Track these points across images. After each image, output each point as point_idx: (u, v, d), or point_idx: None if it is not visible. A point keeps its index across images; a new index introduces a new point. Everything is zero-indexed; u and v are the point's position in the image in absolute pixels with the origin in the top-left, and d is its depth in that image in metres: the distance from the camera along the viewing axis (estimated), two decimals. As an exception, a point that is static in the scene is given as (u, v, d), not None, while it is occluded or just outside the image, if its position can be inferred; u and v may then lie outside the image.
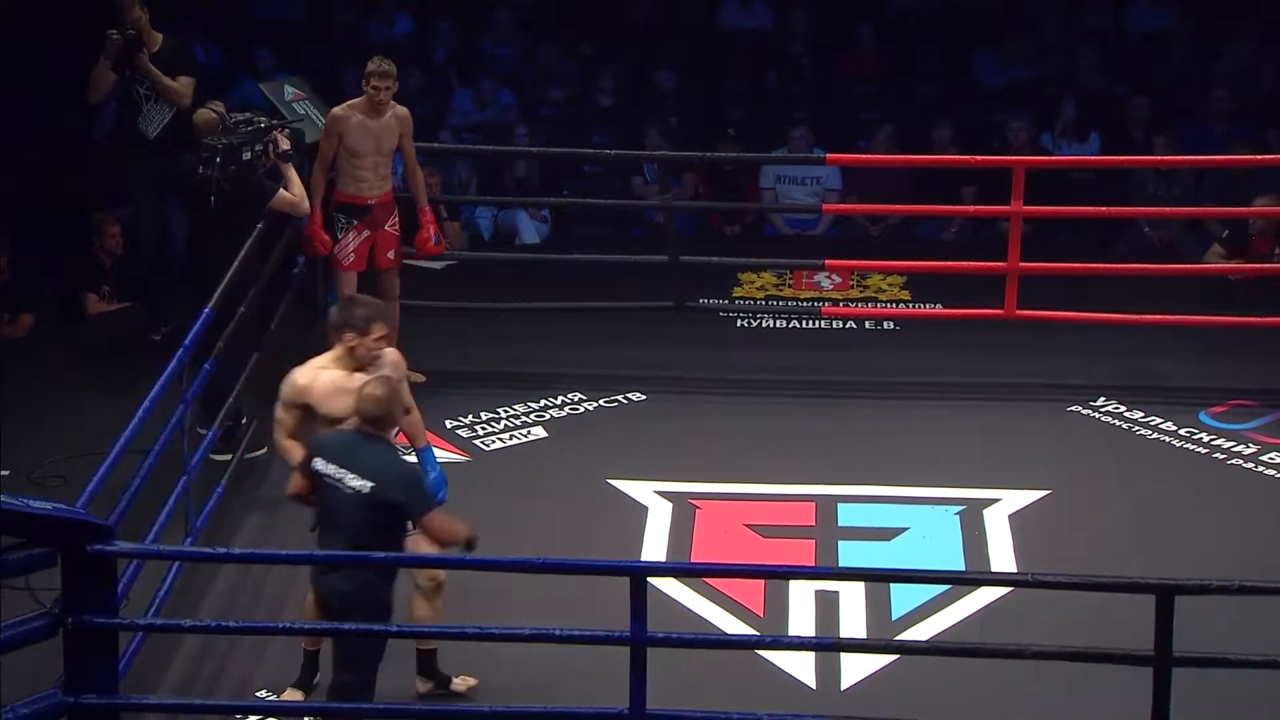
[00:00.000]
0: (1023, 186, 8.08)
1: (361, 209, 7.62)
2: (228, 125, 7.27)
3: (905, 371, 8.24)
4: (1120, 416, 7.75)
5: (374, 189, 7.62)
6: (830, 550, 6.69)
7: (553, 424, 7.77)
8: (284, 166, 7.39)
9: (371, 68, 7.49)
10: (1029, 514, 6.93)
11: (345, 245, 7.63)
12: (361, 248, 7.66)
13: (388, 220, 7.70)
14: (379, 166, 7.62)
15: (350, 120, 7.53)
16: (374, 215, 7.65)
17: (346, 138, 7.52)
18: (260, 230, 7.36)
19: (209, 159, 7.15)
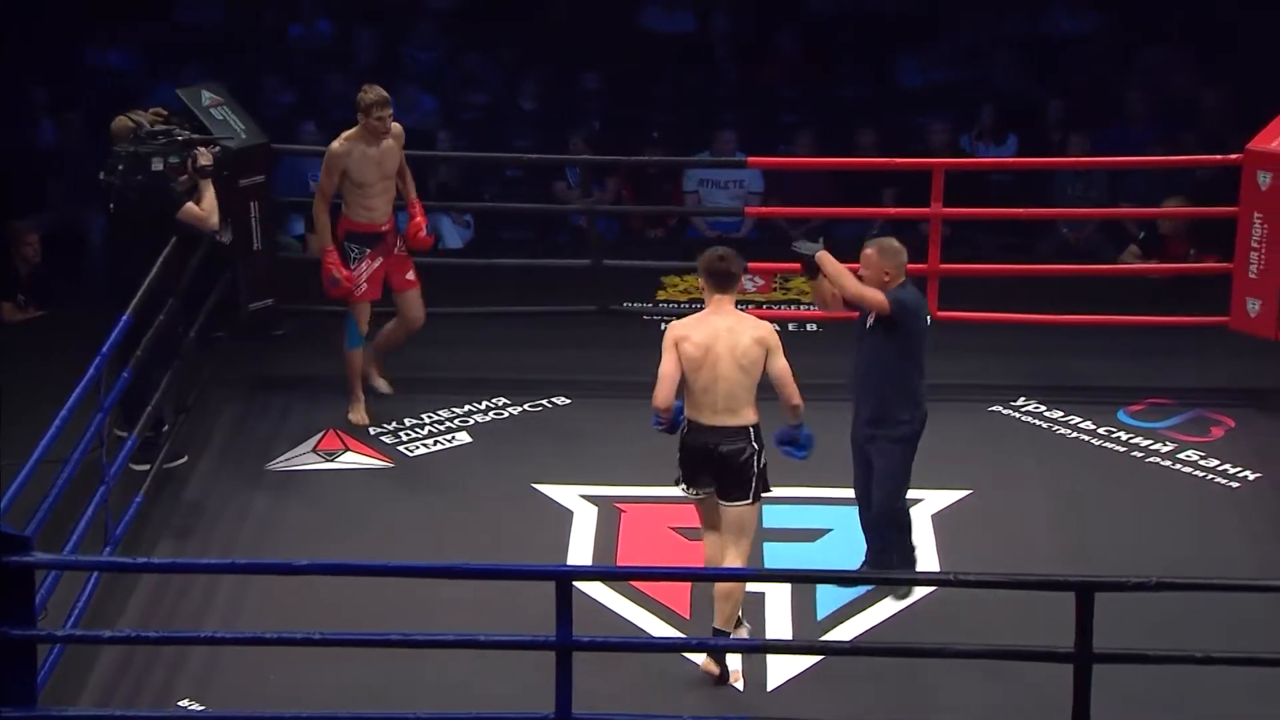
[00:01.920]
0: (942, 188, 8.13)
1: (375, 236, 7.51)
2: (140, 135, 7.22)
3: (829, 373, 8.21)
4: (1040, 416, 7.82)
5: (384, 215, 7.53)
6: (755, 552, 6.68)
7: (477, 429, 7.74)
8: (201, 181, 7.32)
9: (371, 98, 7.36)
10: (951, 514, 6.98)
11: (359, 276, 7.48)
12: (375, 275, 7.52)
13: (398, 242, 7.61)
14: (386, 191, 7.49)
15: (351, 154, 7.39)
16: (386, 241, 7.54)
17: (351, 172, 7.39)
18: (178, 238, 7.29)
19: (112, 165, 7.15)
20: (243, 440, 7.64)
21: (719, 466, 6.04)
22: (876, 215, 9.60)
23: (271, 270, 8.20)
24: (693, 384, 6.06)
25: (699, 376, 6.05)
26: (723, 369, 6.02)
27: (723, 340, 6.04)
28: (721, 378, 6.02)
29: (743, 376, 6.03)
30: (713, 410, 6.04)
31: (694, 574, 6.47)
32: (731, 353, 6.03)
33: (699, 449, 6.06)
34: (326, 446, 7.56)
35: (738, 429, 6.03)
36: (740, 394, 6.02)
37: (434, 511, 7.02)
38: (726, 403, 6.02)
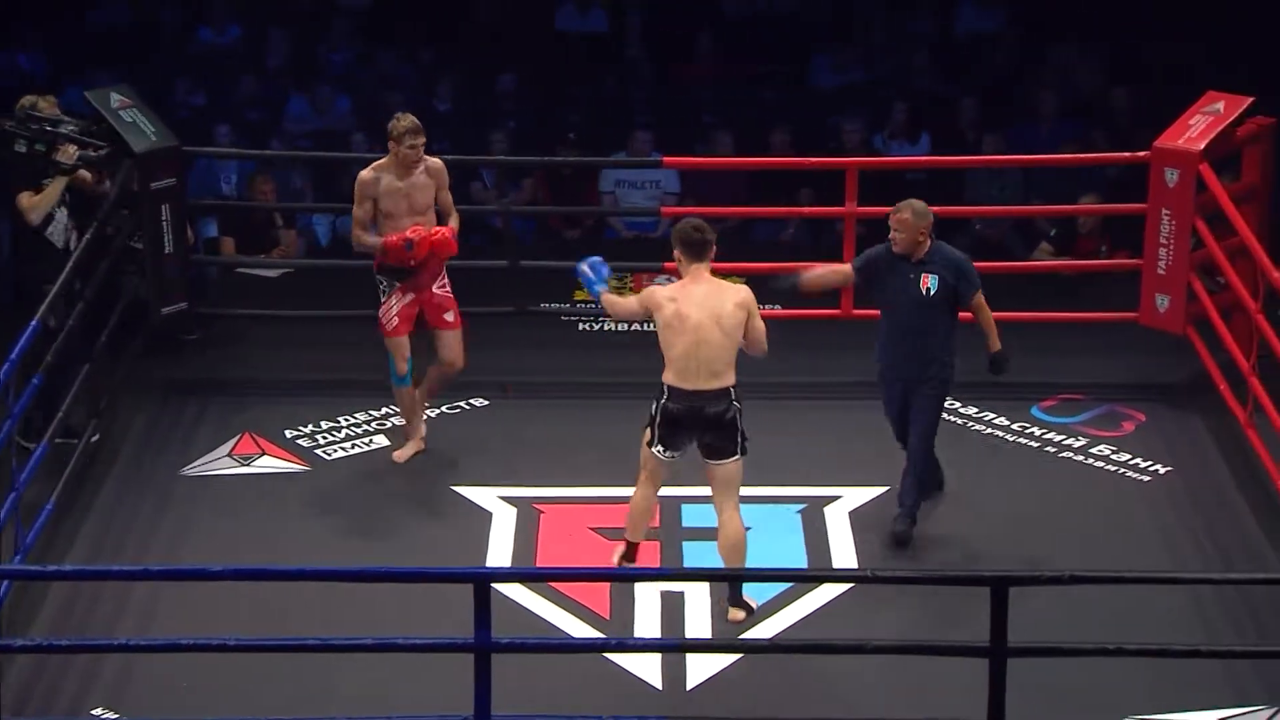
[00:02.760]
0: (856, 187, 8.18)
1: (404, 272, 7.15)
2: (20, 115, 7.17)
3: (745, 372, 8.24)
4: (955, 412, 7.87)
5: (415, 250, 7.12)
6: (675, 551, 6.71)
7: (395, 431, 7.70)
8: (54, 177, 7.24)
9: (403, 126, 7.01)
10: (869, 511, 7.01)
11: (389, 309, 7.17)
12: (406, 311, 7.19)
13: (435, 282, 7.23)
14: (420, 226, 7.11)
15: (379, 183, 7.06)
16: (418, 278, 7.17)
17: (380, 202, 7.05)
18: (89, 239, 7.21)
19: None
20: (156, 446, 7.56)
21: (705, 428, 6.20)
22: (792, 214, 9.66)
23: (184, 273, 8.12)
24: (672, 350, 6.19)
25: (679, 343, 6.18)
26: (705, 335, 6.16)
27: (705, 308, 6.18)
28: (704, 343, 6.16)
29: (726, 341, 6.19)
30: (695, 375, 6.18)
31: (613, 574, 6.47)
32: (716, 320, 6.18)
33: (684, 414, 6.20)
34: (242, 451, 7.49)
35: (720, 391, 6.19)
36: (723, 359, 6.19)
37: (351, 515, 6.97)
38: (710, 367, 6.17)
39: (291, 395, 7.94)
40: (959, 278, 6.80)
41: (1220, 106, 7.96)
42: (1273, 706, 5.82)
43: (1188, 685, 5.85)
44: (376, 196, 7.10)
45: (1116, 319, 8.16)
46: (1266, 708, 5.82)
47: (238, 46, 10.77)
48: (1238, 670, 5.92)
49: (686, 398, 6.19)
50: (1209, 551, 6.76)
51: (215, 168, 9.87)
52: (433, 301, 7.26)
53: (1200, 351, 7.86)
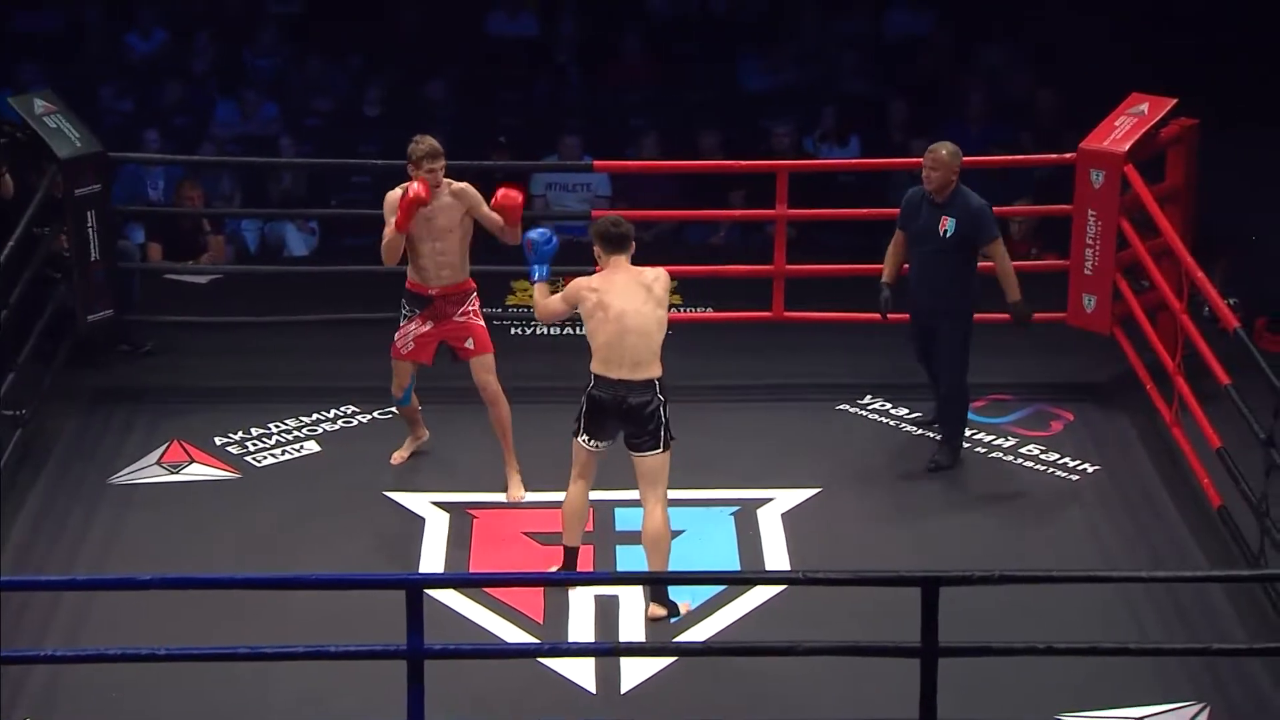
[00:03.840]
0: (786, 190, 8.21)
1: (423, 299, 6.99)
2: None
3: (677, 374, 8.20)
4: (886, 414, 7.92)
5: (435, 279, 6.96)
6: (608, 555, 6.71)
7: (326, 437, 7.66)
8: None
9: (422, 150, 6.84)
10: (801, 513, 7.04)
11: (405, 333, 7.03)
12: (424, 339, 7.01)
13: (458, 310, 7.03)
14: (439, 254, 6.91)
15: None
16: (437, 307, 6.98)
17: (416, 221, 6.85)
18: (12, 245, 7.13)
19: None
20: (83, 454, 7.49)
21: (627, 419, 6.25)
22: (724, 217, 9.68)
23: (110, 280, 8.05)
24: (596, 339, 6.25)
25: (602, 332, 6.23)
26: (629, 323, 6.22)
27: (627, 296, 6.25)
28: (629, 331, 6.22)
29: (651, 329, 6.25)
30: (619, 365, 6.24)
31: (547, 579, 6.46)
32: (638, 310, 6.24)
33: (608, 403, 6.24)
34: (171, 459, 7.43)
35: (644, 383, 6.24)
36: (646, 349, 6.25)
37: (283, 522, 6.93)
38: (633, 357, 6.23)
39: (221, 402, 7.89)
40: (975, 225, 7.15)
41: (1145, 108, 8.04)
42: (1200, 703, 5.88)
43: (1117, 683, 5.91)
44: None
45: (1045, 319, 8.23)
46: (1193, 704, 5.88)
47: (163, 50, 10.68)
48: (1166, 668, 5.98)
49: (610, 386, 6.24)
50: (1137, 549, 6.82)
51: (142, 174, 9.78)
52: (452, 330, 7.07)
53: (1127, 351, 7.95)
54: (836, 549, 6.75)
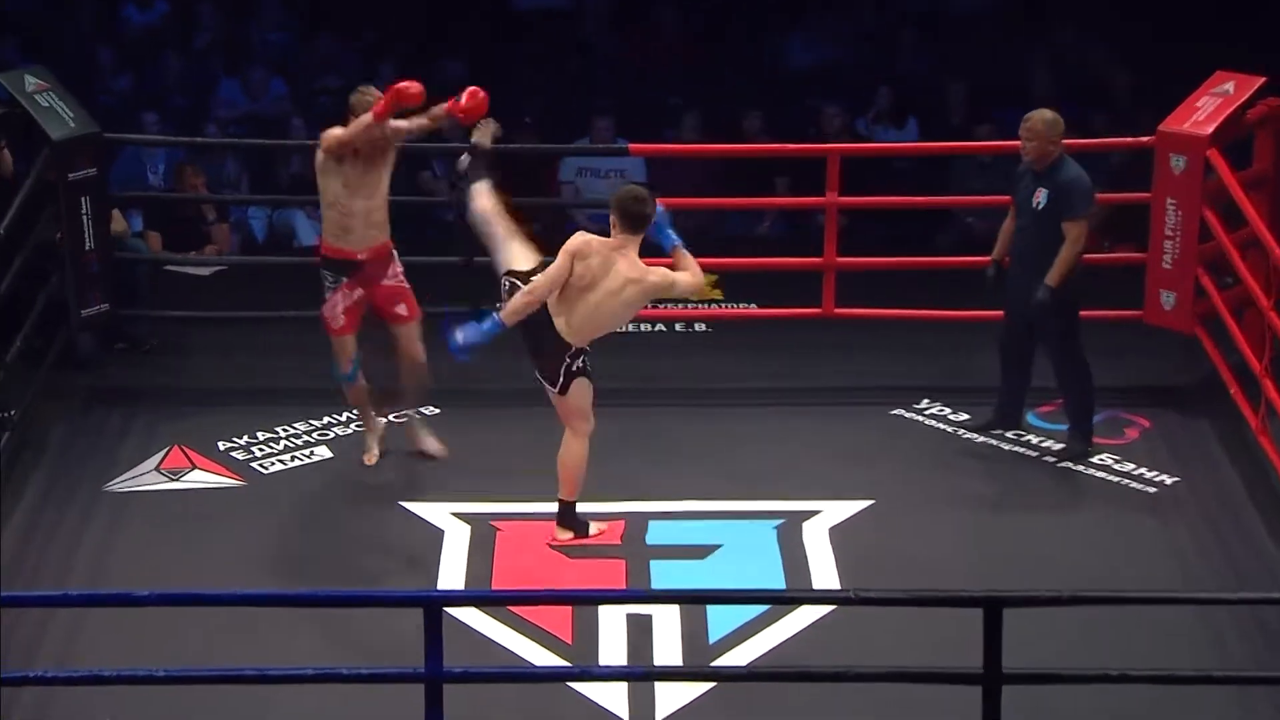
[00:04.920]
0: (838, 176, 8.20)
1: (350, 264, 7.06)
2: None
3: (718, 376, 8.30)
4: (944, 419, 7.90)
5: (363, 241, 7.08)
6: (641, 571, 6.71)
7: (338, 442, 7.69)
8: None
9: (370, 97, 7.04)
10: (851, 526, 7.03)
11: (334, 305, 7.09)
12: (354, 308, 7.11)
13: (387, 272, 7.15)
14: (370, 212, 7.02)
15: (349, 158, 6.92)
16: (366, 271, 7.08)
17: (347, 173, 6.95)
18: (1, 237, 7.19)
19: None
20: (77, 459, 7.53)
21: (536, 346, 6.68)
22: (769, 205, 9.68)
23: (106, 272, 8.10)
24: (568, 293, 6.57)
25: (578, 298, 6.57)
26: (602, 316, 6.58)
27: (611, 289, 6.52)
28: (594, 306, 6.55)
29: (619, 314, 6.61)
30: (566, 322, 6.59)
31: (577, 597, 6.47)
32: (616, 295, 6.53)
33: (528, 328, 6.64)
34: (171, 465, 7.47)
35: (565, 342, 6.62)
36: (599, 329, 6.61)
37: (291, 534, 6.95)
38: (580, 325, 6.59)
39: (225, 404, 7.92)
40: (1062, 200, 7.27)
41: (1230, 87, 8.00)
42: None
43: (1198, 713, 5.88)
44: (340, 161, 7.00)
45: (1119, 317, 8.20)
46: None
47: (164, 23, 10.73)
48: (1249, 697, 5.95)
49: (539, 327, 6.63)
50: (1220, 568, 6.79)
51: (141, 157, 9.83)
52: (384, 294, 7.19)
53: (1209, 352, 7.91)
54: (889, 566, 6.74)
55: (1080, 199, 7.29)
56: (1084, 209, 7.30)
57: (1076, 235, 7.28)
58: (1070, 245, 7.27)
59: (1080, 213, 7.29)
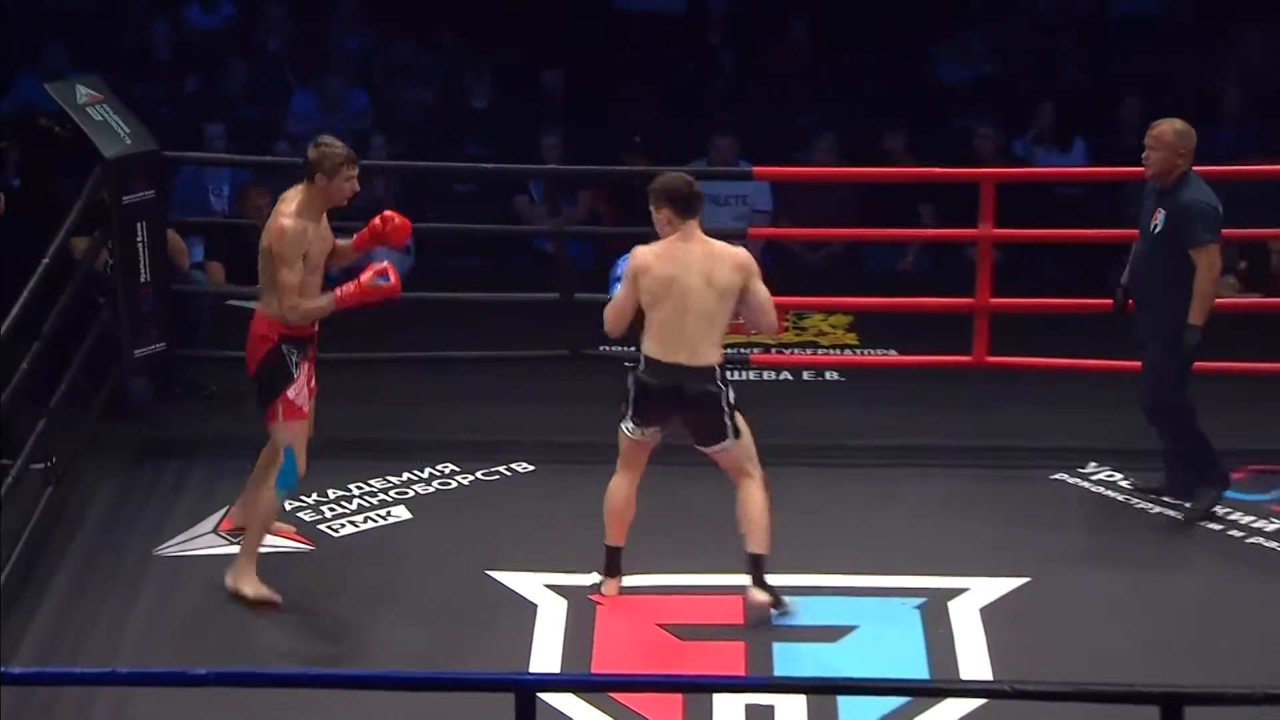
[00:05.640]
0: (993, 204, 8.16)
1: (306, 341, 6.87)
2: None
3: (852, 432, 8.27)
4: (1115, 486, 7.82)
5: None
6: (763, 654, 6.68)
7: (418, 502, 7.72)
8: None
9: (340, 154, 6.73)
10: (1004, 607, 6.97)
11: (299, 387, 6.81)
12: (310, 388, 6.93)
13: (314, 347, 6.99)
14: (318, 285, 6.85)
15: (309, 232, 6.70)
16: (313, 347, 6.96)
17: (311, 257, 6.74)
18: (48, 266, 7.28)
19: None
20: (126, 519, 7.61)
21: (683, 408, 6.65)
22: (912, 237, 9.65)
23: (163, 307, 8.19)
24: (652, 316, 6.60)
25: (660, 309, 6.56)
26: (692, 303, 6.57)
27: (695, 270, 6.57)
28: (689, 311, 6.58)
29: (718, 308, 6.59)
30: (676, 347, 6.60)
31: (689, 683, 6.43)
32: (710, 283, 6.57)
33: (661, 393, 6.64)
34: (230, 526, 7.52)
35: (701, 369, 6.60)
36: (709, 330, 6.60)
37: (364, 605, 6.98)
38: (693, 339, 6.59)
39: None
40: (1182, 223, 7.21)
41: None
42: None
43: None
44: (308, 253, 6.75)
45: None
46: None
47: (228, 27, 10.88)
48: None
49: (664, 373, 6.62)
50: None
51: (203, 177, 9.97)
52: (312, 370, 6.98)
53: None
54: (1048, 654, 6.67)
55: (1205, 221, 7.23)
56: (1208, 235, 7.23)
57: (1208, 263, 7.23)
58: (1205, 273, 7.23)
59: (1206, 238, 7.23)
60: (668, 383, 6.63)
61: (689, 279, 6.59)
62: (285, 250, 6.70)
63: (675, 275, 6.58)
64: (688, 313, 6.59)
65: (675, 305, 6.59)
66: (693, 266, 6.60)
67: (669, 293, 6.59)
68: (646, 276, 6.62)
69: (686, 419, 6.71)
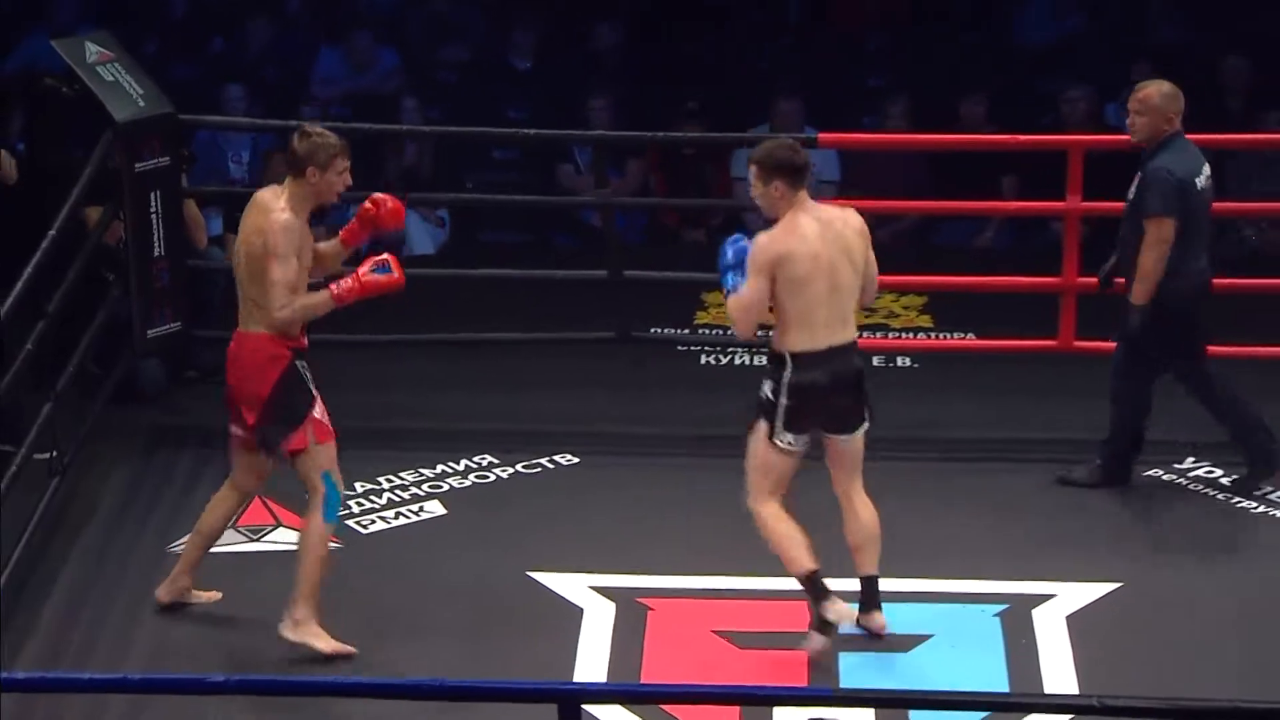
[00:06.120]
0: (1081, 176, 8.13)
1: (305, 352, 6.76)
2: None
3: (925, 423, 8.26)
4: (1214, 483, 7.80)
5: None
6: (829, 664, 6.68)
7: (453, 497, 7.75)
8: None
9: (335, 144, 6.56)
10: (1093, 614, 6.97)
11: (320, 404, 6.69)
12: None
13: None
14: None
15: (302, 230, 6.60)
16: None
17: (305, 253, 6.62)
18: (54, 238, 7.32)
19: None
20: (137, 512, 7.65)
21: (842, 394, 6.59)
22: (993, 211, 9.63)
23: (178, 284, 8.22)
24: (798, 303, 6.51)
25: (809, 292, 6.51)
26: (839, 277, 6.56)
27: (832, 243, 6.55)
28: (838, 288, 6.56)
29: (856, 279, 6.61)
30: (829, 327, 6.56)
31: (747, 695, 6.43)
32: (846, 254, 6.58)
33: (821, 383, 6.53)
34: (251, 521, 7.56)
35: (852, 344, 6.64)
36: (852, 301, 6.63)
37: (395, 608, 7.01)
38: (843, 314, 6.59)
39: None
40: (1142, 190, 7.41)
41: None
42: None
43: None
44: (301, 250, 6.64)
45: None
46: None
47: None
48: None
49: (822, 361, 6.54)
50: None
51: (222, 143, 10.01)
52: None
53: None
54: (1140, 666, 6.67)
55: (1161, 191, 7.33)
56: (1160, 206, 7.32)
57: (1155, 237, 7.32)
58: (1147, 249, 7.32)
59: (1159, 209, 7.33)
60: (828, 372, 6.55)
61: (831, 253, 6.53)
62: (283, 245, 6.52)
63: (818, 253, 6.51)
64: (836, 289, 6.54)
65: (824, 284, 6.51)
66: (828, 239, 6.54)
67: (816, 273, 6.50)
68: (791, 264, 6.48)
69: (835, 407, 6.62)
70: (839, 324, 6.57)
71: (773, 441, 6.57)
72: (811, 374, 6.53)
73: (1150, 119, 7.44)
